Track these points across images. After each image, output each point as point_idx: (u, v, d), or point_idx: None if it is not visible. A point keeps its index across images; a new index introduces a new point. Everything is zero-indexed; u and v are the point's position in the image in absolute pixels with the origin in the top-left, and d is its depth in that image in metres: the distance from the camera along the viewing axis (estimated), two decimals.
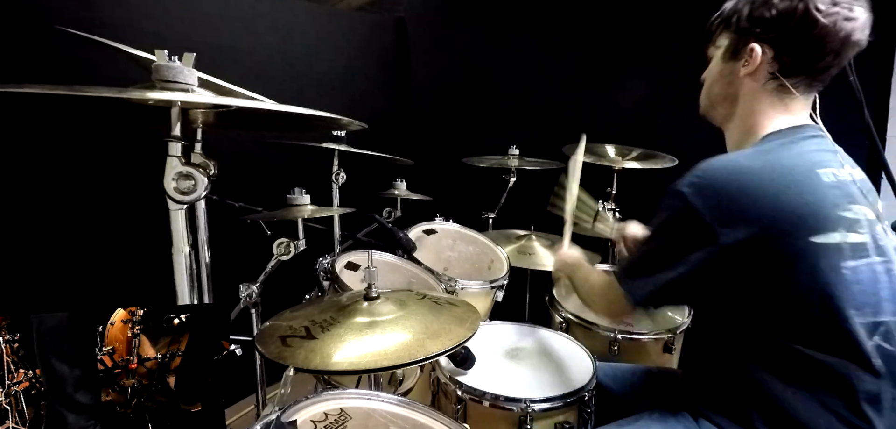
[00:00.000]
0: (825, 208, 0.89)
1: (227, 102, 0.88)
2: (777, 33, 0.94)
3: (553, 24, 2.77)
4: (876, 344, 0.88)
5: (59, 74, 1.74)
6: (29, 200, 1.75)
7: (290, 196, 1.53)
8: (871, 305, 0.89)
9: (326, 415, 1.01)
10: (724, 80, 1.05)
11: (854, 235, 0.89)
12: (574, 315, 1.70)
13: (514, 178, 2.35)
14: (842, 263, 0.87)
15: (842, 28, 0.90)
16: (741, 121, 1.03)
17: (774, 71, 0.96)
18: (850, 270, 0.87)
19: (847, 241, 0.88)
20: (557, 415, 1.22)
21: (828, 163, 0.94)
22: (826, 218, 0.88)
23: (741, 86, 1.01)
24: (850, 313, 0.87)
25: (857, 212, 0.90)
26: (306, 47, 2.61)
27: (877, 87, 1.97)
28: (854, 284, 0.87)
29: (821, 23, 0.90)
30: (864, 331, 0.88)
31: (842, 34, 0.91)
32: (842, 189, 0.92)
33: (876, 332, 0.89)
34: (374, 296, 1.06)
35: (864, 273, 0.89)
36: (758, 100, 1.00)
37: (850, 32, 0.91)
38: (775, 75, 0.97)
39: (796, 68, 0.96)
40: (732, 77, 1.02)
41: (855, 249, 0.89)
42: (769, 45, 0.96)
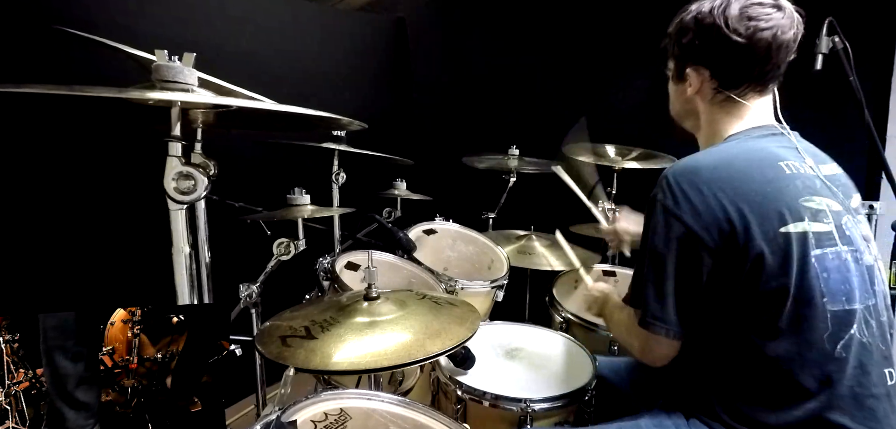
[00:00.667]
0: (788, 197, 0.91)
1: (227, 102, 0.88)
2: (705, 56, 1.01)
3: (553, 24, 2.77)
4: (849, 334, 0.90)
5: (59, 74, 1.74)
6: (29, 200, 1.75)
7: (290, 196, 1.53)
8: (844, 293, 0.90)
9: (326, 415, 1.01)
10: (679, 99, 1.11)
11: (818, 225, 0.91)
12: (574, 315, 1.70)
13: (514, 178, 2.34)
14: (810, 252, 0.89)
15: (762, 37, 0.94)
16: (706, 130, 1.09)
17: (716, 86, 1.02)
18: (816, 258, 0.89)
19: (812, 230, 0.90)
20: (557, 415, 1.22)
21: (788, 156, 0.97)
22: (791, 207, 0.91)
23: (694, 103, 1.08)
24: (823, 302, 0.89)
25: (819, 202, 0.93)
26: (306, 47, 2.62)
27: (877, 87, 1.97)
28: (822, 272, 0.89)
29: (736, 41, 0.95)
30: (836, 320, 0.89)
31: (764, 42, 0.95)
32: (802, 181, 0.94)
33: (851, 321, 0.90)
34: (374, 296, 1.06)
35: (832, 261, 0.90)
36: (713, 112, 1.05)
37: (772, 36, 0.94)
38: (718, 90, 1.02)
39: (736, 81, 1.01)
40: (684, 96, 1.08)
41: (820, 238, 0.91)
42: (703, 66, 1.02)
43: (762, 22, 0.94)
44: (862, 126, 1.34)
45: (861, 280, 0.92)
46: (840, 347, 0.89)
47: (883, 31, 1.92)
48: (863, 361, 0.90)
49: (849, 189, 1.02)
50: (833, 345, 0.89)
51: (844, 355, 0.89)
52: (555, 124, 2.73)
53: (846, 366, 0.89)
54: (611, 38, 2.58)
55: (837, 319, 0.89)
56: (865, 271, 0.93)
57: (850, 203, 0.99)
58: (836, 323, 0.89)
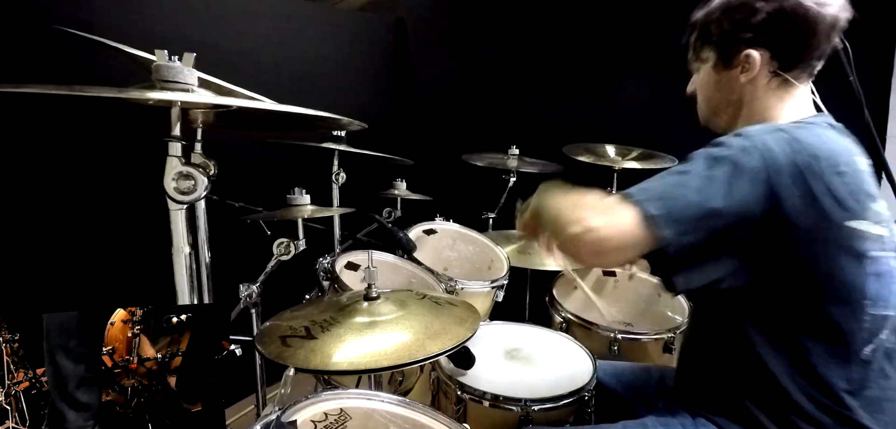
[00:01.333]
0: (863, 194, 0.87)
1: (227, 102, 0.88)
2: (769, 34, 0.94)
3: (553, 24, 2.77)
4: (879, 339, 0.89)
5: (59, 74, 1.74)
6: (28, 200, 1.75)
7: (290, 196, 1.53)
8: (883, 298, 0.88)
9: (326, 415, 1.01)
10: (722, 88, 1.03)
11: (878, 227, 0.88)
12: (574, 315, 1.70)
13: (514, 178, 2.34)
14: (867, 254, 0.86)
15: (826, 14, 0.91)
16: (752, 119, 1.00)
17: (775, 69, 0.96)
18: (871, 261, 0.87)
19: (873, 232, 0.87)
20: (557, 415, 1.22)
21: (860, 151, 0.93)
22: (863, 204, 0.87)
23: (743, 91, 1.00)
24: (866, 305, 0.87)
25: (880, 205, 0.90)
26: (306, 47, 2.62)
27: (877, 87, 1.97)
28: (874, 276, 0.87)
29: (808, 14, 0.91)
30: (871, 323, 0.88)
31: (828, 20, 0.92)
32: (872, 178, 0.91)
33: (885, 325, 0.89)
34: (374, 296, 1.06)
35: (884, 266, 0.88)
36: (763, 97, 0.99)
37: (835, 16, 0.92)
38: (776, 73, 0.97)
39: (794, 61, 0.96)
40: (731, 84, 1.01)
41: (877, 241, 0.88)
42: (764, 48, 0.96)
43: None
44: (862, 126, 1.34)
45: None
46: (869, 350, 0.88)
47: (883, 31, 1.92)
48: (883, 366, 0.90)
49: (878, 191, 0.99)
50: (862, 347, 0.88)
51: (871, 358, 0.88)
52: (555, 124, 2.74)
53: (871, 368, 0.89)
54: (611, 39, 2.58)
55: (875, 323, 0.88)
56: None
57: None
58: (873, 326, 0.88)
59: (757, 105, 0.99)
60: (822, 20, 0.91)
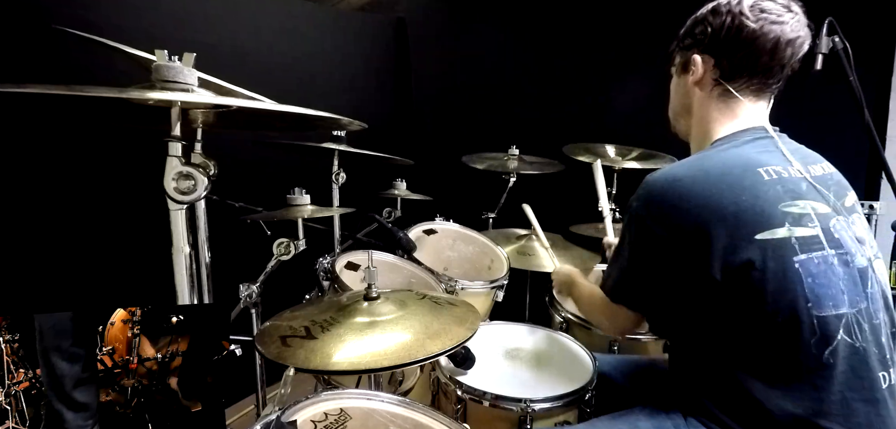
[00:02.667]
0: (766, 204, 0.91)
1: (227, 102, 0.88)
2: (712, 42, 1.04)
3: (553, 24, 2.77)
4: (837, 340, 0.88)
5: (59, 74, 1.74)
6: (29, 200, 1.75)
7: (290, 196, 1.53)
8: (830, 297, 0.89)
9: (326, 415, 1.01)
10: (679, 93, 1.15)
11: (801, 230, 0.90)
12: (574, 315, 1.69)
13: (514, 178, 2.35)
14: (791, 258, 0.89)
15: (770, 31, 0.97)
16: (697, 129, 1.12)
17: (717, 77, 1.05)
18: (800, 263, 0.88)
19: (794, 235, 0.89)
20: (557, 415, 1.22)
21: (769, 161, 0.96)
22: (768, 214, 0.90)
23: (693, 95, 1.10)
24: (808, 308, 0.87)
25: (803, 206, 0.92)
26: (306, 47, 2.62)
27: (877, 87, 1.97)
28: (806, 277, 0.88)
29: (748, 27, 0.98)
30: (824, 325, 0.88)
31: (772, 36, 0.98)
32: (784, 185, 0.94)
33: (838, 326, 0.88)
34: (374, 296, 1.06)
35: (818, 266, 0.89)
36: (707, 107, 1.08)
37: (779, 35, 0.98)
38: (718, 81, 1.05)
39: (735, 71, 1.03)
40: (685, 89, 1.11)
41: (803, 242, 0.90)
42: (708, 54, 1.05)
43: (773, 15, 0.97)
44: (862, 126, 1.34)
45: (850, 283, 0.90)
46: (827, 353, 0.87)
47: (883, 31, 1.92)
48: (853, 366, 0.88)
49: (842, 189, 1.01)
50: (820, 351, 0.88)
51: (832, 361, 0.87)
52: (555, 124, 2.74)
53: (834, 372, 0.87)
54: (611, 39, 2.58)
55: (825, 324, 0.88)
56: (856, 274, 0.91)
57: (844, 203, 0.98)
58: (824, 329, 0.88)
59: (702, 113, 1.09)
60: (763, 35, 0.98)
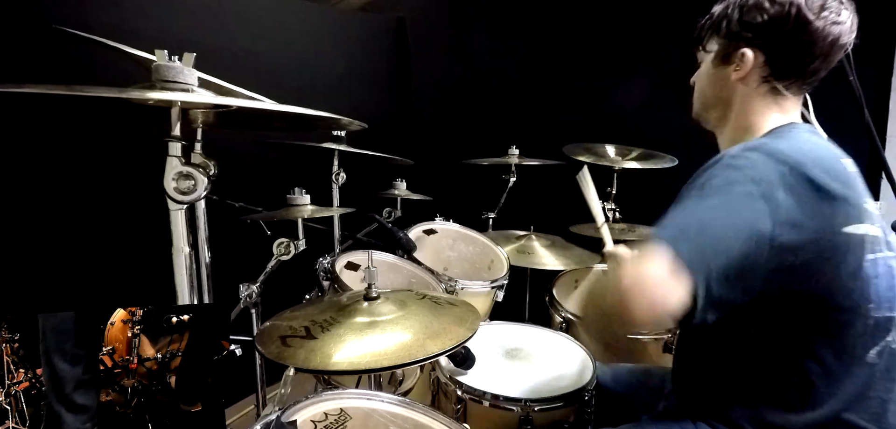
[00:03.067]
0: (855, 197, 0.87)
1: (227, 102, 0.88)
2: (768, 38, 0.94)
3: (553, 25, 2.77)
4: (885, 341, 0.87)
5: (59, 74, 1.74)
6: (29, 200, 1.75)
7: (290, 196, 1.53)
8: (888, 300, 0.87)
9: (326, 415, 1.01)
10: (715, 84, 1.04)
11: (873, 229, 0.87)
12: (574, 315, 1.70)
13: (514, 178, 2.35)
14: (865, 256, 0.86)
15: (830, 32, 0.91)
16: (737, 121, 1.02)
17: (766, 75, 0.97)
18: (870, 263, 0.86)
19: (869, 233, 0.86)
20: (557, 415, 1.22)
21: (844, 154, 0.93)
22: (856, 207, 0.86)
23: (733, 89, 1.01)
24: (869, 309, 0.86)
25: (872, 206, 0.90)
26: (306, 47, 2.61)
27: (877, 87, 1.97)
28: (873, 278, 0.86)
29: (811, 26, 0.90)
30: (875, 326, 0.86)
31: (830, 38, 0.91)
32: (861, 181, 0.91)
33: (890, 327, 0.88)
34: (374, 296, 1.06)
35: (882, 267, 0.87)
36: (751, 102, 0.99)
37: (838, 35, 0.92)
38: (767, 79, 0.97)
39: (787, 71, 0.96)
40: (724, 81, 1.01)
41: (874, 242, 0.87)
42: (760, 50, 0.96)
43: (834, 15, 0.91)
44: (862, 126, 1.34)
45: None
46: (874, 353, 0.87)
47: (883, 31, 1.92)
48: (889, 367, 0.88)
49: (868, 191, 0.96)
50: (866, 351, 0.87)
51: (878, 361, 0.87)
52: (555, 124, 2.74)
53: (877, 372, 0.87)
54: (611, 39, 2.58)
55: (878, 326, 0.87)
56: None
57: None
58: (876, 330, 0.87)
59: (744, 108, 1.00)
60: (824, 36, 0.91)
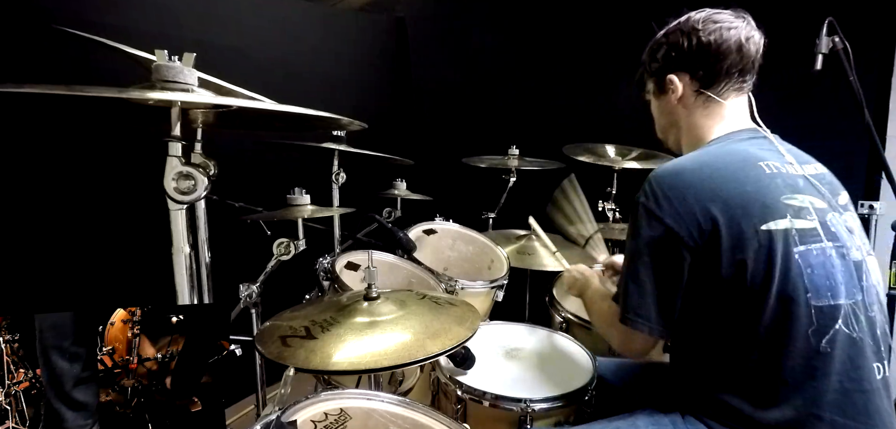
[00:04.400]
0: (769, 196, 0.94)
1: (227, 102, 0.88)
2: (681, 59, 1.09)
3: (553, 24, 2.77)
4: (834, 330, 0.90)
5: (59, 74, 1.74)
6: (29, 200, 1.75)
7: (290, 196, 1.53)
8: (828, 288, 0.91)
9: (326, 415, 1.01)
10: (664, 113, 1.18)
11: (801, 222, 0.93)
12: (574, 315, 1.70)
13: (514, 178, 2.35)
14: (793, 248, 0.91)
15: (727, 37, 1.03)
16: (688, 137, 1.15)
17: (697, 88, 1.09)
18: (800, 254, 0.91)
19: (795, 227, 0.92)
20: (557, 415, 1.22)
21: (768, 157, 1.00)
22: (771, 205, 0.93)
23: (677, 111, 1.14)
24: (807, 297, 0.90)
25: (801, 200, 0.95)
26: (306, 47, 2.62)
27: (877, 87, 1.97)
28: (806, 267, 0.91)
29: (705, 39, 1.04)
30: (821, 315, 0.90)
31: (730, 41, 1.03)
32: (783, 179, 0.97)
33: (836, 316, 0.91)
34: (374, 296, 1.06)
35: (816, 257, 0.92)
36: (694, 116, 1.12)
37: (738, 36, 1.04)
38: (699, 91, 1.09)
39: (711, 80, 1.08)
40: (668, 108, 1.15)
41: (803, 234, 0.93)
42: (683, 71, 1.10)
43: (725, 24, 1.04)
44: (862, 126, 1.34)
45: (847, 275, 0.93)
46: (825, 342, 0.90)
47: (883, 31, 1.92)
48: (851, 355, 0.91)
49: (835, 187, 1.05)
50: (817, 340, 0.90)
51: (830, 350, 0.90)
52: (555, 124, 2.74)
53: (832, 361, 0.90)
54: (611, 38, 2.58)
55: (822, 314, 0.90)
56: (852, 267, 0.94)
57: (838, 200, 1.01)
58: (821, 318, 0.90)
59: (690, 123, 1.13)
60: (723, 42, 1.03)
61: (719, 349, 0.98)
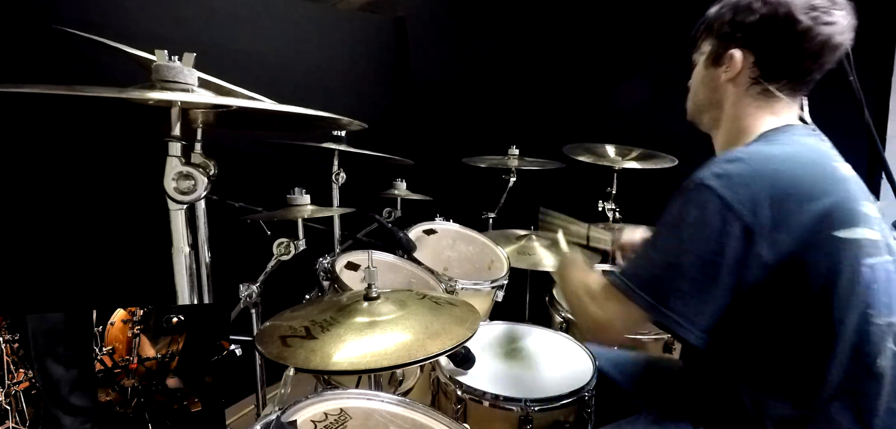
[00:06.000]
0: (849, 201, 0.86)
1: (227, 102, 0.88)
2: (757, 38, 0.94)
3: (553, 24, 2.77)
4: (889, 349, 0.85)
5: (59, 74, 1.74)
6: (29, 200, 1.75)
7: (290, 196, 1.53)
8: (887, 306, 0.85)
9: (326, 415, 1.01)
10: (707, 86, 1.04)
11: (871, 232, 0.86)
12: (569, 315, 1.69)
13: (514, 178, 2.35)
14: (862, 260, 0.84)
15: (820, 32, 0.89)
16: (730, 124, 1.01)
17: (756, 76, 0.96)
18: (869, 267, 0.84)
19: (866, 237, 0.85)
20: (557, 415, 1.22)
21: (839, 157, 0.92)
22: (850, 211, 0.85)
23: (724, 91, 1.00)
24: (869, 313, 0.84)
25: (870, 208, 0.88)
26: (306, 47, 2.62)
27: (877, 87, 1.97)
28: (873, 283, 0.84)
29: (800, 26, 0.89)
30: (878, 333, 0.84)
31: (820, 38, 0.90)
32: (856, 184, 0.90)
33: (890, 334, 0.85)
34: (374, 296, 1.06)
35: (881, 272, 0.85)
36: (743, 104, 0.98)
37: (829, 36, 0.90)
38: (757, 80, 0.96)
39: (777, 73, 0.95)
40: (715, 83, 1.01)
41: (872, 246, 0.85)
42: (750, 51, 0.95)
43: (825, 15, 0.89)
44: (862, 126, 1.34)
45: None
46: (880, 361, 0.84)
47: (883, 31, 1.92)
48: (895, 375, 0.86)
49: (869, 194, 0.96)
50: (873, 360, 0.84)
51: (883, 370, 0.85)
52: (555, 124, 2.74)
53: (884, 380, 0.85)
54: (611, 38, 2.58)
55: (880, 333, 0.84)
56: None
57: None
58: (878, 337, 0.84)
59: (736, 110, 0.99)
60: (814, 37, 0.89)
61: (765, 358, 0.90)
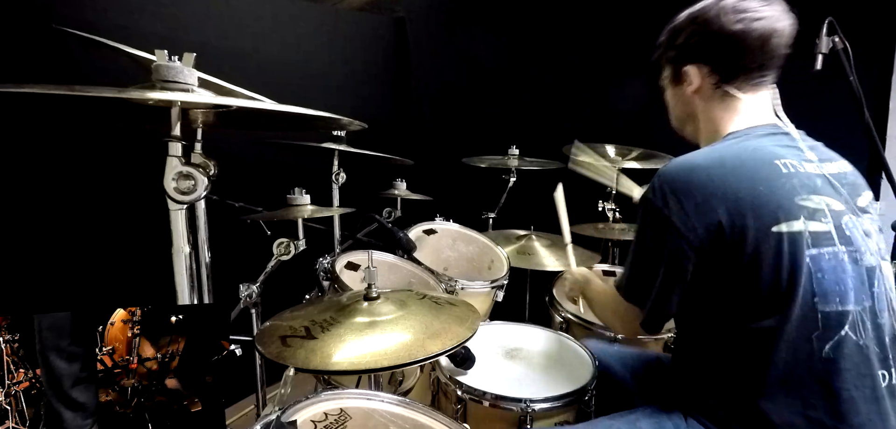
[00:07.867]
0: (782, 197, 0.92)
1: (227, 102, 0.88)
2: (700, 52, 1.04)
3: (553, 24, 2.77)
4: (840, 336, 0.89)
5: (59, 74, 1.74)
6: (29, 200, 1.75)
7: (290, 196, 1.53)
8: (837, 293, 0.89)
9: (326, 415, 1.01)
10: (679, 102, 1.14)
11: (815, 224, 0.91)
12: (574, 315, 1.69)
13: (514, 178, 2.35)
14: (804, 252, 0.90)
15: (753, 29, 0.98)
16: (705, 129, 1.10)
17: (716, 81, 1.05)
18: (811, 258, 0.90)
19: (808, 229, 0.90)
20: (557, 415, 1.22)
21: (785, 155, 0.97)
22: (785, 206, 0.91)
23: (694, 103, 1.10)
24: (814, 302, 0.89)
25: (817, 202, 0.93)
26: (306, 47, 2.62)
27: (877, 87, 1.97)
28: (816, 272, 0.89)
29: (729, 30, 0.99)
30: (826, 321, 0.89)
31: (756, 33, 0.98)
32: (800, 179, 0.94)
33: (843, 321, 0.89)
34: (374, 296, 1.06)
35: (828, 262, 0.90)
36: (711, 109, 1.07)
37: (764, 29, 0.98)
38: (718, 85, 1.05)
39: (732, 73, 1.03)
40: (684, 98, 1.11)
41: (817, 237, 0.91)
42: (701, 63, 1.05)
43: (753, 14, 0.98)
44: (862, 126, 1.34)
45: (858, 281, 0.91)
46: (829, 348, 0.89)
47: (883, 31, 1.92)
48: (857, 362, 0.89)
49: (857, 187, 1.01)
50: (821, 346, 0.89)
51: (833, 356, 0.88)
52: (555, 124, 2.74)
53: (837, 367, 0.89)
54: (611, 39, 2.58)
55: (828, 320, 0.89)
56: (864, 272, 0.92)
57: (857, 202, 0.98)
58: (827, 324, 0.89)
59: (707, 115, 1.09)
60: (749, 34, 0.98)
61: (721, 350, 0.97)
